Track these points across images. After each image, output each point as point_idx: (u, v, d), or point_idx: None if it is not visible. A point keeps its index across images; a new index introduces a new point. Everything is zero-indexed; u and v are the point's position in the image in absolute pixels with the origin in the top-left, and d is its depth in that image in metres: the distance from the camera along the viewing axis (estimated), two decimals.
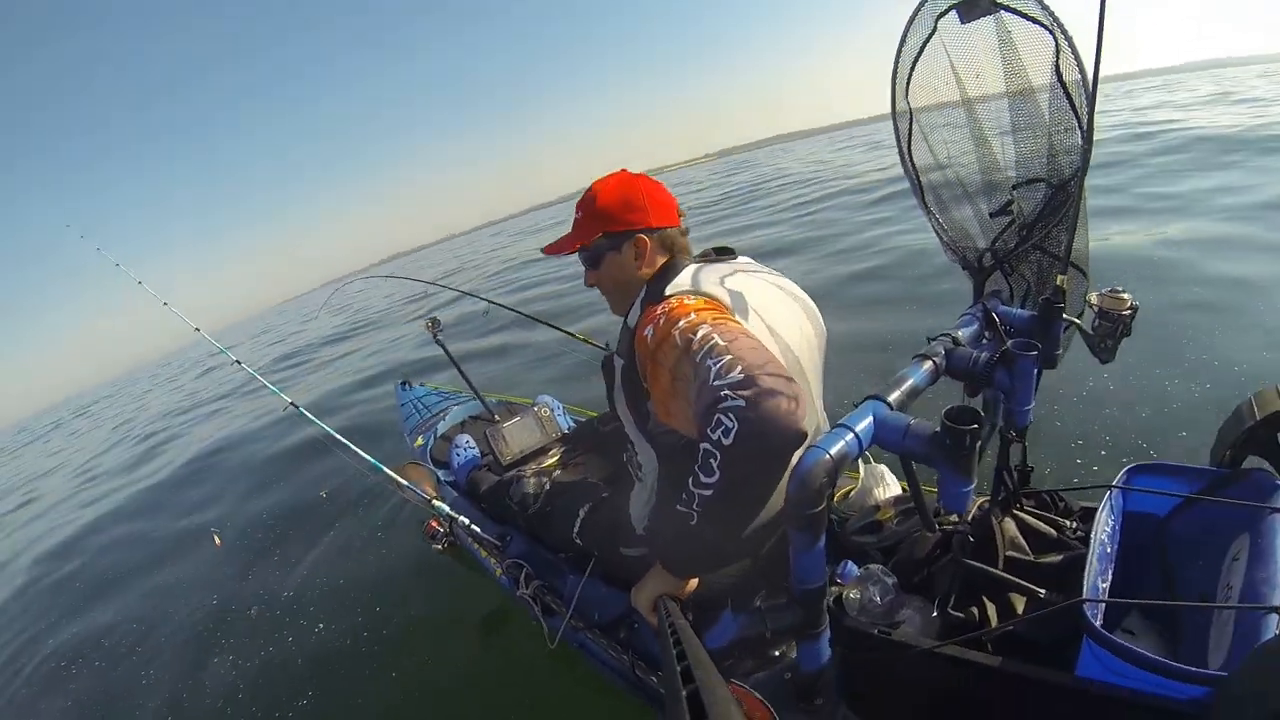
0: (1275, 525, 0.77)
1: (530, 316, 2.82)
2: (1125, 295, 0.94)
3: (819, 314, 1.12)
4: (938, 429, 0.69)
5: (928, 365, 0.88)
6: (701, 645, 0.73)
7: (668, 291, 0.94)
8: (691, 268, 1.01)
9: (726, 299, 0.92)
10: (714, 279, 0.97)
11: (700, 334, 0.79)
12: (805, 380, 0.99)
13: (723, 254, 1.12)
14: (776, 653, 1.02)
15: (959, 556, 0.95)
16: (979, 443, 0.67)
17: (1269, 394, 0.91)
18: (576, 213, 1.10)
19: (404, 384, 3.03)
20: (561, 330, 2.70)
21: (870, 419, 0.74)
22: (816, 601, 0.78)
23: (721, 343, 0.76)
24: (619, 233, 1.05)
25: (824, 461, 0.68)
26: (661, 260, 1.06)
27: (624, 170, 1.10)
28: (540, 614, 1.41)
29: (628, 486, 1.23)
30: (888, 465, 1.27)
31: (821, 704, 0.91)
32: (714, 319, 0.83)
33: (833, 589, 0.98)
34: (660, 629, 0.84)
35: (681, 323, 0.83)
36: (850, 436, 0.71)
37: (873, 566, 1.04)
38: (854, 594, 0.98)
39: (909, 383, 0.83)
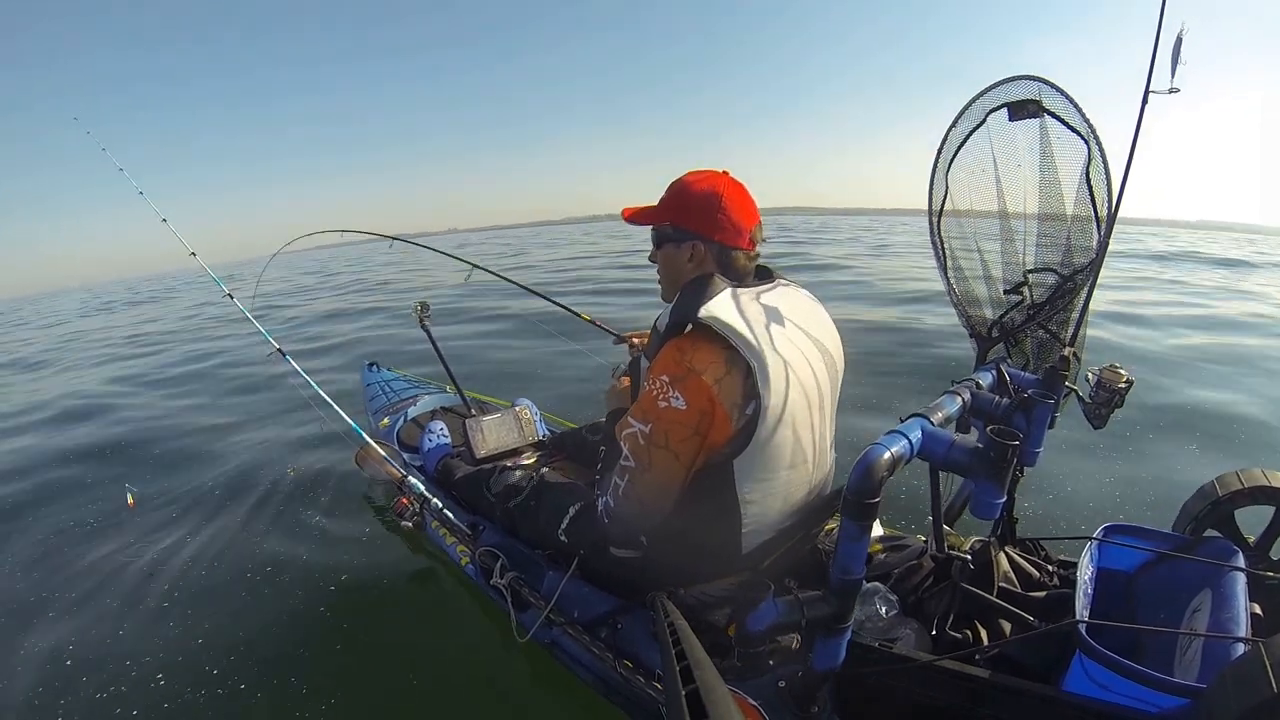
0: (1235, 581, 0.90)
1: (534, 290, 2.48)
2: (1123, 371, 1.08)
3: (840, 343, 1.16)
4: (980, 444, 0.79)
5: (958, 400, 0.99)
6: (700, 645, 0.76)
7: (701, 314, 0.94)
8: (726, 293, 0.99)
9: (754, 332, 0.94)
10: (749, 305, 0.99)
11: (646, 433, 0.97)
12: (819, 409, 1.04)
13: (761, 276, 1.13)
14: (771, 661, 1.07)
15: (959, 581, 1.03)
16: (1015, 459, 0.77)
17: (1230, 477, 1.06)
18: (665, 191, 1.11)
19: (372, 365, 2.99)
20: (570, 310, 2.44)
21: (920, 431, 0.83)
22: (852, 594, 0.83)
23: (640, 464, 0.99)
24: (685, 230, 1.06)
25: (886, 458, 0.76)
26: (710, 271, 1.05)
27: (725, 173, 1.09)
28: (512, 606, 1.39)
29: None
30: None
31: (817, 712, 0.95)
32: (671, 425, 0.95)
33: None
34: (660, 628, 0.86)
35: (658, 404, 0.95)
36: (905, 441, 0.80)
37: (877, 585, 1.12)
38: (858, 610, 1.04)
39: (944, 410, 0.94)
